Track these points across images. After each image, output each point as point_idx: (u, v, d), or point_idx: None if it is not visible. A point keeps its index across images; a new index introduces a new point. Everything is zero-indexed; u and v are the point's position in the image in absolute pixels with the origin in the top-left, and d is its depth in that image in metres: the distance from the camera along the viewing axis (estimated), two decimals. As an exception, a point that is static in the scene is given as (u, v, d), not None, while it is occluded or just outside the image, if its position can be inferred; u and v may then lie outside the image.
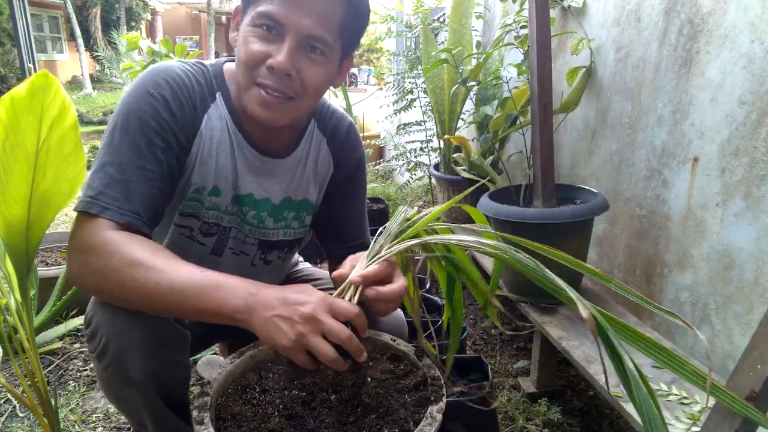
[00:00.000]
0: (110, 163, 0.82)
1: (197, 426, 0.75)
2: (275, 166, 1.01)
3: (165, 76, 0.88)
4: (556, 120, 1.81)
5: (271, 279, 1.14)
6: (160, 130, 0.85)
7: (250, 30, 0.86)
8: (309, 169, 1.06)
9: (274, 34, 0.85)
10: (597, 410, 1.42)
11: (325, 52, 0.88)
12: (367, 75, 13.97)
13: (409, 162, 3.11)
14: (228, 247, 1.03)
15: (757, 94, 1.11)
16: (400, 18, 3.13)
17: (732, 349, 1.18)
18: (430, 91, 2.46)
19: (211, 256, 1.03)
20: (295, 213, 1.07)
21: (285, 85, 0.86)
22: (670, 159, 1.38)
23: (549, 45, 1.51)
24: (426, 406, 0.80)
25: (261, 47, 0.85)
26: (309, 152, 1.05)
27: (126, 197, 0.80)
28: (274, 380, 0.93)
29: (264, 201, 1.02)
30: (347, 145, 1.10)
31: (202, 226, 0.99)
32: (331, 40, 0.87)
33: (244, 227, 1.02)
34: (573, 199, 1.58)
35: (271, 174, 1.01)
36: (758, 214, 1.11)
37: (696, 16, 1.27)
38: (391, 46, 4.78)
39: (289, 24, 0.83)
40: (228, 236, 1.02)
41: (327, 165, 1.08)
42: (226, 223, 1.00)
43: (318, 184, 1.08)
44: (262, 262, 1.09)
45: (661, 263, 1.42)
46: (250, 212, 1.01)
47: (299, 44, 0.85)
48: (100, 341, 0.82)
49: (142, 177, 0.82)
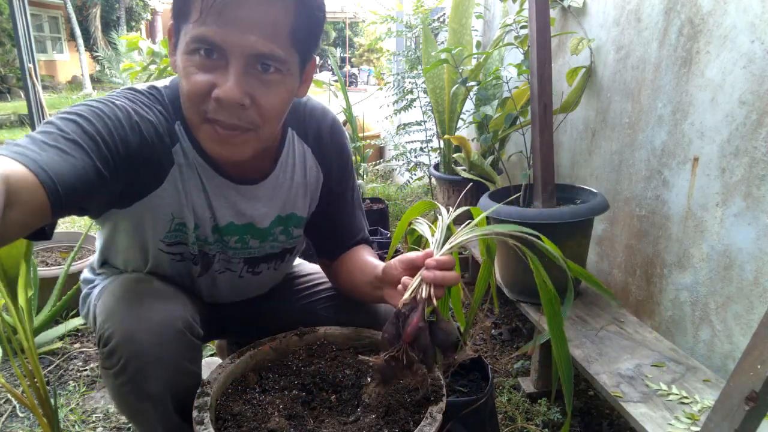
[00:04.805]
0: (41, 132, 0.68)
1: (197, 426, 0.75)
2: (254, 191, 0.93)
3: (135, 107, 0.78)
4: (556, 120, 1.81)
5: (264, 286, 1.11)
6: (115, 129, 0.74)
7: (186, 58, 0.74)
8: (297, 184, 0.98)
9: (216, 58, 0.73)
10: (597, 410, 1.42)
11: (280, 69, 0.76)
12: (367, 75, 13.97)
13: (409, 162, 3.11)
14: (214, 270, 1.00)
15: (757, 94, 1.11)
16: (400, 18, 3.13)
17: (732, 349, 1.18)
18: (430, 91, 2.46)
19: (201, 276, 1.00)
20: (283, 227, 1.01)
21: (239, 117, 0.75)
22: (670, 159, 1.38)
23: (549, 45, 1.51)
24: (426, 406, 0.80)
25: (203, 77, 0.73)
26: (294, 166, 0.97)
27: (43, 152, 0.64)
28: (274, 380, 0.93)
29: (247, 226, 0.96)
30: (333, 149, 1.01)
31: (190, 254, 0.95)
32: (284, 53, 0.74)
33: (227, 251, 0.98)
34: (573, 199, 1.58)
35: (251, 199, 0.94)
36: (758, 214, 1.11)
37: (696, 16, 1.27)
38: (391, 46, 4.78)
39: (230, 46, 0.71)
40: (213, 261, 0.98)
41: (316, 175, 1.00)
42: (210, 250, 0.96)
43: (309, 196, 1.01)
44: (250, 275, 1.04)
45: (661, 263, 1.42)
46: (232, 239, 0.96)
47: (247, 66, 0.73)
48: (119, 360, 0.80)
49: (74, 150, 0.67)
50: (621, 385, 1.10)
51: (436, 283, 0.73)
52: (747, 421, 0.60)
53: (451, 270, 0.74)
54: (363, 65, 13.76)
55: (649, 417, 0.99)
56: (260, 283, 1.09)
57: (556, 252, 0.77)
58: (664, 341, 1.28)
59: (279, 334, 1.01)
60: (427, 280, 0.73)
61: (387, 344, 0.72)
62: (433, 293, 0.73)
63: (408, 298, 0.73)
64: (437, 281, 0.73)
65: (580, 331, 1.34)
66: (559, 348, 0.78)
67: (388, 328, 0.73)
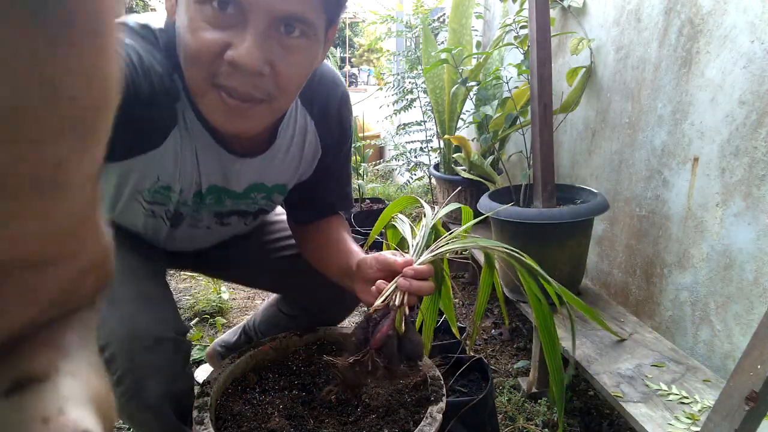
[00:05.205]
0: None
1: (197, 426, 0.76)
2: (249, 163, 0.86)
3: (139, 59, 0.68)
4: (556, 120, 1.81)
5: (223, 236, 1.04)
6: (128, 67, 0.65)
7: (196, 9, 0.62)
8: (291, 156, 0.89)
9: (231, 13, 0.61)
10: (597, 410, 1.42)
11: (307, 32, 0.65)
12: (367, 75, 13.96)
13: (409, 162, 3.11)
14: (183, 225, 0.94)
15: (757, 94, 1.11)
16: (400, 18, 3.13)
17: (732, 349, 1.18)
18: (430, 91, 2.46)
19: (167, 229, 0.95)
20: (265, 194, 0.94)
21: (254, 85, 0.65)
22: (670, 159, 1.38)
23: (549, 45, 1.51)
24: (426, 406, 0.80)
25: (214, 35, 0.62)
26: (293, 137, 0.87)
27: None
28: (274, 380, 0.93)
29: (227, 190, 0.89)
30: (338, 126, 0.92)
31: (165, 212, 0.90)
32: (314, 15, 0.65)
33: (201, 210, 0.92)
34: (573, 199, 1.58)
35: (243, 171, 0.87)
36: (758, 214, 1.11)
37: (696, 16, 1.27)
38: (391, 46, 4.78)
39: (253, 1, 0.60)
40: (184, 218, 0.93)
41: (314, 151, 0.92)
42: (185, 210, 0.91)
43: (301, 170, 0.94)
44: (218, 226, 0.98)
45: (661, 263, 1.42)
46: (210, 197, 0.89)
47: (270, 27, 0.62)
48: (116, 371, 0.79)
49: None
50: (621, 385, 1.10)
51: (411, 293, 0.72)
52: (747, 421, 0.60)
53: (427, 280, 0.74)
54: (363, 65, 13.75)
55: (649, 417, 0.98)
56: (225, 234, 1.03)
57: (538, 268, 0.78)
58: (664, 341, 1.28)
59: (279, 334, 1.01)
60: (402, 289, 0.72)
61: (354, 348, 0.73)
62: (406, 301, 0.73)
63: (381, 304, 0.73)
64: (412, 291, 0.72)
65: (579, 331, 1.34)
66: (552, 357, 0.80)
67: (357, 331, 0.73)
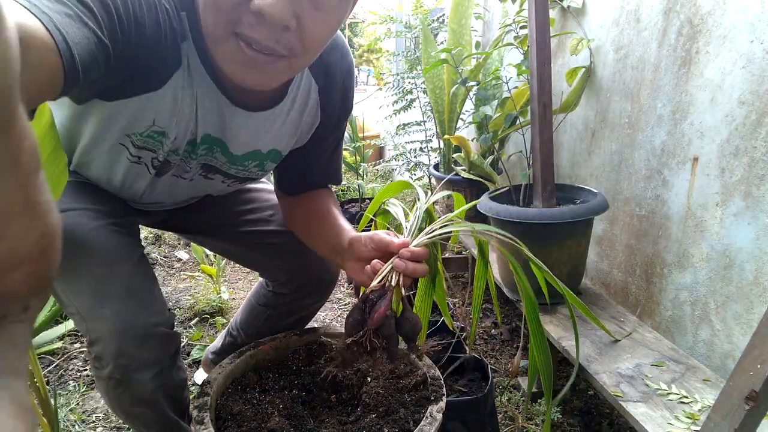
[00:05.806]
0: None
1: (197, 426, 0.76)
2: (249, 118, 0.81)
3: None
4: (556, 120, 1.81)
5: (201, 192, 1.00)
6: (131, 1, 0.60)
7: None
8: (290, 120, 0.86)
9: None
10: (597, 410, 1.42)
11: None
12: (366, 75, 13.96)
13: (409, 162, 3.11)
14: (167, 175, 0.89)
15: (756, 94, 1.11)
16: (399, 18, 3.13)
17: (732, 348, 1.18)
18: (429, 92, 2.46)
19: (153, 177, 0.89)
20: (258, 162, 0.91)
21: (277, 39, 0.62)
22: (669, 159, 1.38)
23: (548, 45, 1.51)
24: (426, 406, 0.80)
25: None
26: (295, 101, 0.85)
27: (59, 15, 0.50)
28: (274, 380, 0.93)
29: (222, 143, 0.84)
30: (341, 97, 0.90)
31: (153, 160, 0.84)
32: None
33: (191, 160, 0.86)
34: (573, 199, 1.58)
35: (242, 126, 0.82)
36: (758, 213, 1.11)
37: (695, 16, 1.28)
38: (390, 46, 4.78)
39: None
40: (170, 167, 0.88)
41: (313, 119, 0.89)
42: (173, 159, 0.86)
43: (297, 136, 0.91)
44: (201, 178, 0.93)
45: (661, 263, 1.42)
46: (202, 147, 0.83)
47: None
48: (107, 367, 0.79)
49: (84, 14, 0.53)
50: (621, 384, 1.10)
51: (407, 274, 0.72)
52: (747, 420, 0.60)
53: (421, 262, 0.74)
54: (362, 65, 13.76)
55: (649, 416, 0.99)
56: (204, 189, 0.98)
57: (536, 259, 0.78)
58: (663, 341, 1.28)
59: (279, 334, 1.01)
60: (398, 269, 0.72)
61: (352, 329, 0.73)
62: (402, 282, 0.73)
63: (377, 284, 0.73)
64: (408, 272, 0.72)
65: (579, 330, 1.34)
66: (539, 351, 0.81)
67: (354, 312, 0.73)
